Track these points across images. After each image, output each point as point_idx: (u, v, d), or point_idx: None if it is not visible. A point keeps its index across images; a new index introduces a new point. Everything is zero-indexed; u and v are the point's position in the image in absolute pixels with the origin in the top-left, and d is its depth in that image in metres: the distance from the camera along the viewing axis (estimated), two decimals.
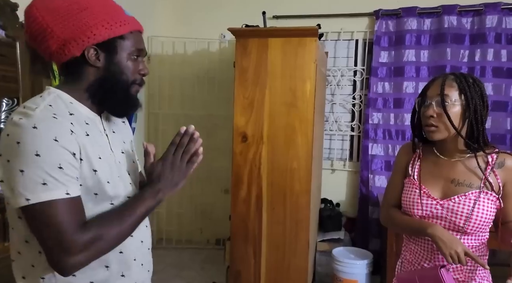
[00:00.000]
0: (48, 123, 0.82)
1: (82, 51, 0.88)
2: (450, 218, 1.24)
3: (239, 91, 2.31)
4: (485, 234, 1.29)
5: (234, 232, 2.42)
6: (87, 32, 0.87)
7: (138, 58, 0.97)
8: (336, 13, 3.24)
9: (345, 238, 3.01)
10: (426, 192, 1.29)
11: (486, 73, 2.94)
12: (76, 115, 0.90)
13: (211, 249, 3.63)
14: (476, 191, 1.22)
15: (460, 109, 1.21)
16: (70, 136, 0.84)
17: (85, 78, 0.92)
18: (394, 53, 3.13)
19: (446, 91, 1.21)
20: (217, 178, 3.60)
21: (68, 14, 0.86)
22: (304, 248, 2.34)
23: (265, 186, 2.34)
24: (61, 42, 0.87)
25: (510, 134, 2.94)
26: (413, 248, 1.35)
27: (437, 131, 1.24)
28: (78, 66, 0.91)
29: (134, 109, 1.01)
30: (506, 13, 2.88)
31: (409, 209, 1.32)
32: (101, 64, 0.91)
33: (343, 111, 3.40)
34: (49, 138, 0.81)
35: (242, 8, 3.41)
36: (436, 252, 1.26)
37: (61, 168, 0.82)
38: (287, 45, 2.23)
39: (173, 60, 3.62)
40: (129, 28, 0.93)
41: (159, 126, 3.63)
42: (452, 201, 1.24)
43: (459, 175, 1.26)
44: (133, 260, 1.00)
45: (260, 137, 2.31)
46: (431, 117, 1.23)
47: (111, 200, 0.93)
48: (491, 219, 1.24)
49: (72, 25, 0.87)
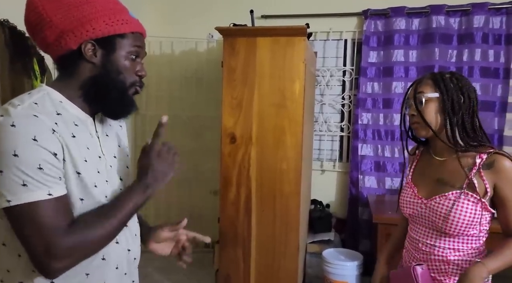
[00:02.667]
0: (27, 122, 0.79)
1: (79, 45, 0.85)
2: (430, 217, 1.26)
3: (227, 92, 2.27)
4: (474, 239, 1.23)
5: (223, 234, 2.38)
6: (86, 25, 0.84)
7: (137, 59, 0.94)
8: (325, 13, 3.22)
9: (335, 239, 3.00)
10: (415, 192, 1.31)
11: (474, 73, 2.95)
12: (64, 116, 0.86)
13: (200, 252, 3.57)
14: (457, 192, 1.20)
15: (437, 105, 1.23)
16: (51, 135, 0.81)
17: (79, 74, 0.89)
18: (383, 53, 3.12)
19: (421, 89, 1.25)
20: (205, 179, 3.55)
21: (70, 5, 0.84)
22: (294, 250, 2.31)
23: (254, 188, 2.30)
24: (58, 33, 0.84)
25: (498, 134, 2.96)
26: (407, 246, 1.38)
27: (421, 128, 1.26)
28: (73, 60, 0.87)
29: (130, 111, 0.97)
30: (493, 13, 2.90)
31: (401, 208, 1.36)
32: (97, 60, 0.88)
33: (332, 111, 3.38)
34: (28, 138, 0.77)
35: (230, 7, 3.38)
36: (419, 252, 1.30)
37: (41, 168, 0.78)
38: (276, 44, 2.20)
39: (160, 61, 3.57)
40: (131, 28, 0.91)
41: (147, 128, 3.57)
42: (434, 201, 1.25)
43: (444, 174, 1.25)
44: (115, 268, 0.95)
45: (248, 138, 2.28)
46: (413, 115, 1.27)
47: (98, 206, 0.89)
48: (474, 221, 1.19)
49: (72, 16, 0.84)
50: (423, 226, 1.30)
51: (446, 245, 1.24)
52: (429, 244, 1.27)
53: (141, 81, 0.97)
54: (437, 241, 1.25)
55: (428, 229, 1.28)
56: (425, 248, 1.28)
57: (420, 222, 1.30)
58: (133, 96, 0.97)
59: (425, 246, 1.28)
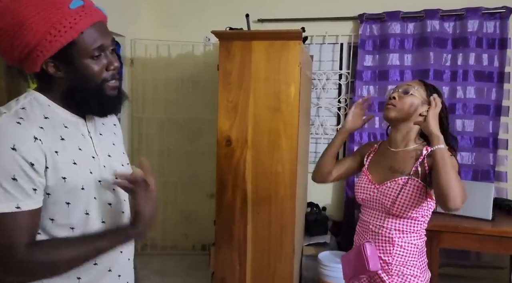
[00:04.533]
0: (9, 130, 0.79)
1: (40, 67, 0.85)
2: (381, 200, 1.41)
3: (223, 95, 2.28)
4: (417, 222, 1.39)
5: (218, 237, 2.39)
6: (35, 52, 0.81)
7: (102, 54, 0.88)
8: (320, 17, 3.24)
9: (331, 242, 3.00)
10: (369, 178, 1.48)
11: (469, 77, 2.97)
12: (52, 119, 0.86)
13: (197, 254, 3.58)
14: (405, 177, 1.37)
15: (419, 102, 1.38)
16: (32, 143, 0.80)
17: (55, 88, 0.89)
18: (379, 57, 3.14)
19: (413, 84, 1.43)
20: (201, 182, 3.55)
21: (12, 36, 0.80)
22: (290, 253, 2.31)
23: (249, 190, 2.31)
24: (18, 61, 0.84)
25: (493, 137, 2.98)
26: (358, 230, 1.55)
27: (393, 109, 1.40)
28: (44, 77, 0.87)
29: (116, 106, 0.95)
30: (487, 18, 2.93)
31: (356, 193, 1.52)
32: (62, 74, 0.87)
33: (328, 114, 3.40)
34: (7, 146, 0.77)
35: (226, 11, 3.39)
36: (368, 233, 1.46)
37: (15, 179, 0.78)
38: (271, 48, 2.21)
39: (157, 64, 3.57)
40: (79, 28, 0.82)
41: (143, 131, 3.57)
42: (385, 186, 1.41)
43: (396, 163, 1.42)
44: (107, 271, 0.96)
45: (244, 141, 2.29)
46: (393, 98, 1.41)
47: (86, 209, 0.89)
48: (417, 204, 1.35)
49: (17, 47, 0.81)
50: (373, 209, 1.45)
51: (392, 226, 1.39)
52: (377, 225, 1.43)
53: (114, 74, 0.92)
54: (385, 221, 1.41)
55: (377, 212, 1.44)
56: (374, 229, 1.44)
57: (371, 205, 1.46)
58: (115, 91, 0.93)
59: (374, 227, 1.44)
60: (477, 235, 2.32)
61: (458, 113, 3.02)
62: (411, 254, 1.39)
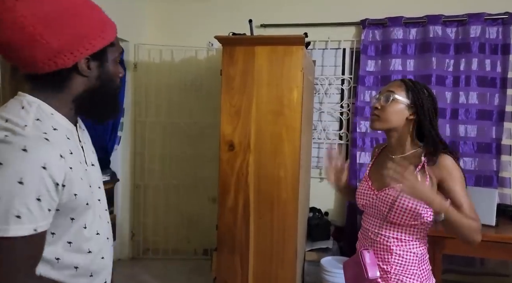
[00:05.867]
0: (39, 147, 0.75)
1: (75, 62, 0.82)
2: (379, 206, 1.40)
3: (226, 99, 2.29)
4: (415, 230, 1.36)
5: (220, 241, 2.38)
6: (85, 43, 0.81)
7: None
8: (323, 22, 3.26)
9: (333, 247, 2.99)
10: (369, 184, 1.47)
11: (471, 82, 2.97)
12: (60, 131, 0.83)
13: (199, 259, 3.57)
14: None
15: (403, 107, 1.35)
16: (59, 162, 0.77)
17: (72, 88, 0.85)
18: (381, 62, 3.15)
19: (393, 89, 1.38)
20: (204, 186, 3.55)
21: (62, 23, 0.77)
22: (292, 258, 2.31)
23: (252, 195, 2.31)
24: (53, 53, 0.78)
25: (496, 143, 2.97)
26: (359, 236, 1.53)
27: (377, 121, 1.39)
28: (64, 76, 0.83)
29: (116, 112, 0.97)
30: (489, 24, 2.93)
31: (357, 199, 1.51)
32: (91, 73, 0.85)
33: (331, 119, 3.40)
34: (38, 165, 0.73)
35: (230, 16, 3.41)
36: (368, 240, 1.45)
37: (39, 199, 0.74)
38: (274, 53, 2.23)
39: (160, 68, 3.59)
40: (115, 32, 0.89)
41: (146, 134, 3.58)
42: (384, 192, 1.39)
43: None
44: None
45: (247, 146, 2.29)
46: (376, 108, 1.39)
47: (85, 223, 0.87)
48: (415, 212, 1.32)
49: (66, 35, 0.78)
50: (372, 216, 1.44)
51: (390, 234, 1.38)
52: (375, 232, 1.41)
53: (120, 82, 0.97)
54: (382, 229, 1.39)
55: (375, 219, 1.42)
56: (372, 236, 1.42)
57: (370, 212, 1.45)
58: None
59: (372, 234, 1.42)
60: (481, 241, 2.28)
61: (460, 118, 3.02)
62: (410, 263, 1.36)
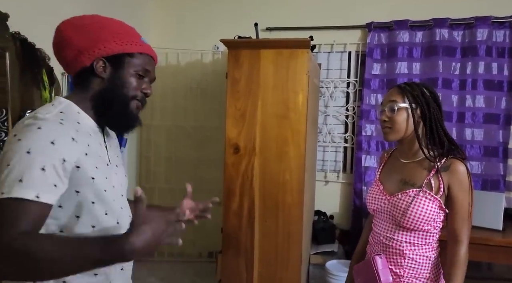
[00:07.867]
0: (52, 127, 0.85)
1: (92, 62, 0.95)
2: (392, 211, 1.39)
3: (231, 103, 2.30)
4: (428, 235, 1.35)
5: (225, 245, 2.38)
6: (99, 45, 0.95)
7: (144, 78, 1.02)
8: (328, 26, 3.26)
9: (338, 251, 2.98)
10: (381, 189, 1.46)
11: (478, 86, 2.96)
12: (82, 125, 0.94)
13: (204, 262, 3.57)
14: (416, 190, 1.34)
15: (410, 112, 1.36)
16: (70, 142, 0.87)
17: (90, 88, 0.98)
18: (387, 65, 3.14)
19: (394, 98, 1.38)
20: (209, 189, 3.54)
21: (89, 30, 0.95)
22: (297, 261, 2.30)
23: (257, 198, 2.31)
24: (76, 52, 0.95)
25: (503, 147, 2.95)
26: (370, 241, 1.51)
27: (391, 132, 1.39)
28: (86, 76, 0.97)
29: (133, 125, 1.04)
30: (496, 27, 2.92)
31: (368, 203, 1.50)
32: (106, 75, 0.97)
33: (336, 122, 3.39)
34: (46, 140, 0.83)
35: (235, 19, 3.43)
36: (379, 245, 1.43)
37: (44, 169, 0.81)
38: (279, 56, 2.23)
39: (166, 71, 3.61)
40: (140, 49, 0.99)
41: (152, 138, 3.60)
42: (396, 197, 1.38)
43: (407, 175, 1.40)
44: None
45: (252, 149, 2.29)
46: (385, 121, 1.40)
47: (106, 210, 0.94)
48: (429, 217, 1.31)
49: (88, 38, 0.95)
50: (384, 221, 1.43)
51: (403, 239, 1.37)
52: (388, 237, 1.40)
53: (143, 98, 1.04)
54: (395, 234, 1.39)
55: (388, 223, 1.41)
56: (385, 241, 1.41)
57: (382, 216, 1.44)
58: (137, 111, 1.04)
59: (385, 239, 1.41)
60: (488, 246, 2.28)
61: (467, 122, 3.00)
62: (424, 267, 1.36)
